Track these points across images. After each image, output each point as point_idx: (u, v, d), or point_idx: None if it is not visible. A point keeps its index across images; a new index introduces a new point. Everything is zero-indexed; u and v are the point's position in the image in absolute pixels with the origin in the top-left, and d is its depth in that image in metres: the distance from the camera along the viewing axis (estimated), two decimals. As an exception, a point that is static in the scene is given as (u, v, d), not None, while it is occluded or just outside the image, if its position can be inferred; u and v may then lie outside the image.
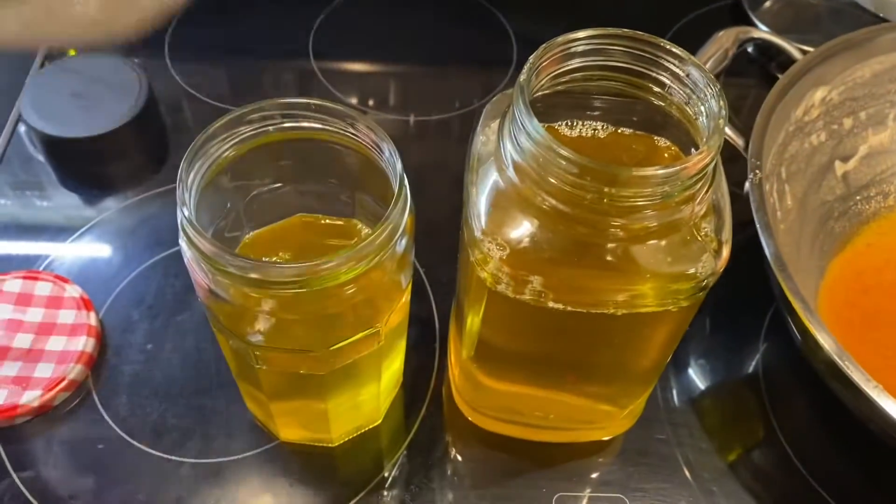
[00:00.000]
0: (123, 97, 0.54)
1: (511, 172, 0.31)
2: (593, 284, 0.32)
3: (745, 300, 0.52)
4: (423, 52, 0.66)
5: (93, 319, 0.46)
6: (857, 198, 0.54)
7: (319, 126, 0.35)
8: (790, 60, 0.54)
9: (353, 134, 0.35)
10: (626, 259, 0.31)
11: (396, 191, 0.32)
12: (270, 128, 0.35)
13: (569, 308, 0.33)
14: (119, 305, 0.49)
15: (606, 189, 0.29)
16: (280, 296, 0.32)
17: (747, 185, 0.44)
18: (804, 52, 0.53)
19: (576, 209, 0.30)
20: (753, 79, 0.66)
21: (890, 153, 0.55)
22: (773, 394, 0.48)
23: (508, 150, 0.31)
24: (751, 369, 0.49)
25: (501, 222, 0.32)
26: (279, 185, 0.39)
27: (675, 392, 0.48)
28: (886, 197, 0.55)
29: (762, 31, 0.53)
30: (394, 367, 0.43)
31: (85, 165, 0.55)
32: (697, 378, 0.49)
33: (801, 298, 0.39)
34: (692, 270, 0.31)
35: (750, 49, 0.67)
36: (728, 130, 0.48)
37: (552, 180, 0.30)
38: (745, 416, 0.47)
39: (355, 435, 0.44)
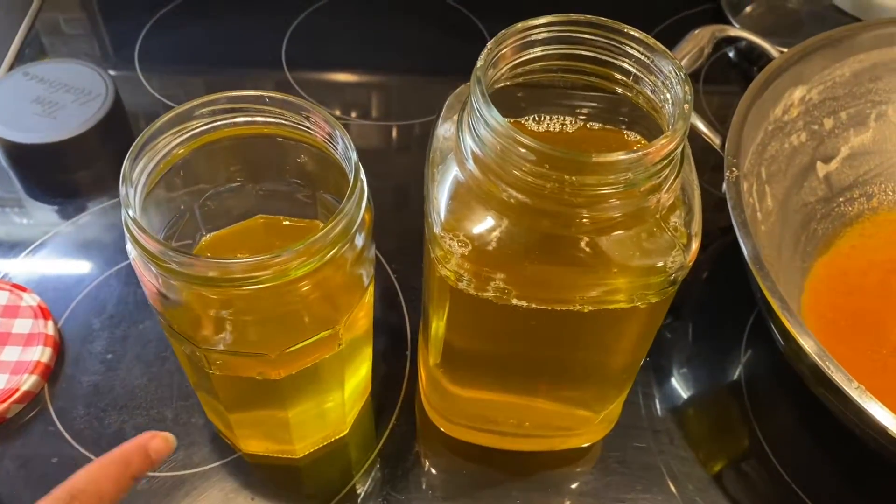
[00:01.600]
0: (89, 103, 0.53)
1: (471, 165, 0.30)
2: (558, 280, 0.31)
3: (727, 307, 0.50)
4: (399, 60, 0.65)
5: (50, 328, 0.45)
6: (840, 199, 0.53)
7: (273, 120, 0.34)
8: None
9: (307, 128, 0.34)
10: (591, 253, 0.30)
11: (352, 182, 0.31)
12: (220, 122, 0.34)
13: (534, 305, 0.31)
14: (79, 314, 0.47)
15: (568, 177, 0.27)
16: (230, 295, 0.30)
17: (724, 184, 0.43)
18: (783, 53, 0.52)
19: (538, 201, 0.29)
20: (736, 85, 0.65)
21: (872, 154, 0.54)
22: (756, 401, 0.46)
23: (468, 143, 0.30)
24: (734, 376, 0.48)
25: (462, 217, 0.31)
26: (235, 184, 0.37)
27: (657, 400, 0.46)
28: (870, 198, 0.54)
29: (738, 30, 0.52)
30: (360, 374, 0.42)
31: (48, 173, 0.53)
32: (680, 386, 0.47)
33: (781, 298, 0.38)
34: (660, 264, 0.30)
35: (731, 53, 0.66)
36: (705, 129, 0.47)
37: (513, 171, 0.28)
38: (729, 425, 0.46)
39: (321, 446, 0.42)
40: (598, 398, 0.39)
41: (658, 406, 0.46)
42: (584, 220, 0.29)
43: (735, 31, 0.51)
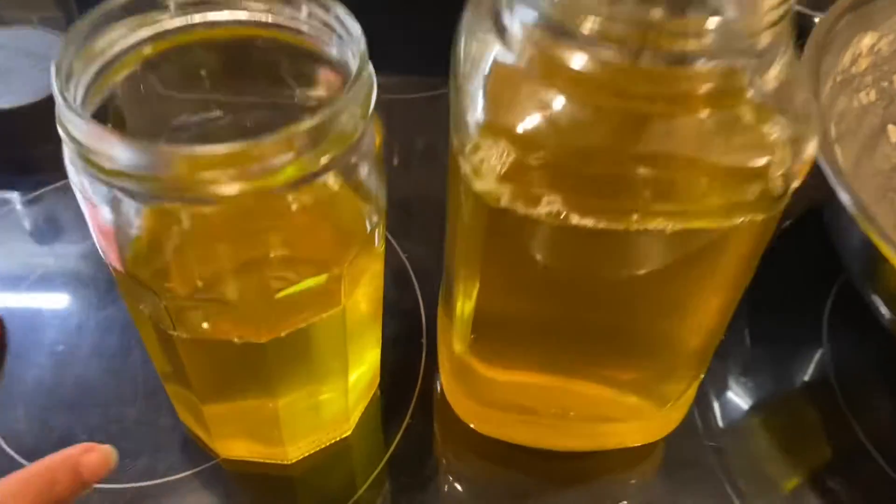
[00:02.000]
0: (49, 70, 0.45)
1: (517, 33, 0.23)
2: (634, 180, 0.23)
3: (792, 296, 0.42)
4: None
5: (-11, 320, 0.37)
6: (917, 168, 0.46)
7: (265, 18, 0.27)
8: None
9: (306, 22, 0.27)
10: (673, 139, 0.22)
11: (357, 69, 0.24)
12: (197, 20, 0.27)
13: (601, 225, 0.24)
14: (27, 301, 0.39)
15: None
16: (198, 212, 0.23)
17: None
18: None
19: (612, 68, 0.21)
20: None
21: (948, 117, 0.47)
22: (852, 398, 0.38)
23: (516, 14, 0.23)
24: (810, 376, 0.40)
25: (507, 107, 0.23)
26: (214, 115, 0.30)
27: (717, 414, 0.38)
28: (950, 168, 0.47)
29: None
30: (366, 361, 0.34)
31: (1, 145, 0.46)
32: (742, 397, 0.39)
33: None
34: (760, 162, 0.23)
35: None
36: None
37: (583, 20, 0.21)
38: (822, 425, 0.37)
39: (318, 449, 0.34)
40: (665, 378, 0.31)
41: (720, 419, 0.38)
42: (665, 97, 0.22)
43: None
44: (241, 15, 0.27)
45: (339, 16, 0.25)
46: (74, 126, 0.22)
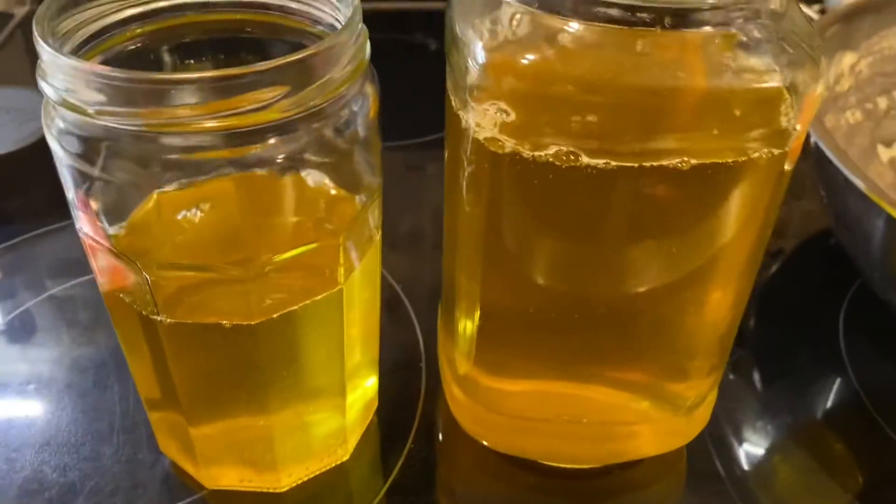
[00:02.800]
0: (27, 123, 0.45)
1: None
2: (646, 105, 0.22)
3: (804, 319, 0.41)
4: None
5: (-45, 354, 0.34)
6: (912, 186, 0.46)
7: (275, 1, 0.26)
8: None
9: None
10: (684, 55, 0.21)
11: (350, 15, 0.23)
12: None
13: (613, 164, 0.22)
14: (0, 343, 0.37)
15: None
16: (176, 153, 0.21)
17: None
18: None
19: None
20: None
21: (936, 139, 0.47)
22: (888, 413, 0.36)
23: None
24: (838, 395, 0.37)
25: (505, 47, 0.23)
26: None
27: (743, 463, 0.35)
28: (944, 186, 0.46)
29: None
30: (363, 378, 0.32)
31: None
32: (765, 432, 0.36)
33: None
34: (768, 84, 0.22)
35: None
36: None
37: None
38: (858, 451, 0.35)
39: (312, 476, 0.31)
40: (677, 378, 0.29)
41: (745, 465, 0.35)
42: (674, 10, 0.21)
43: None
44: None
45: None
46: (55, 66, 0.21)
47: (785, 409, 0.36)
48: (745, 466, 0.33)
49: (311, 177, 0.25)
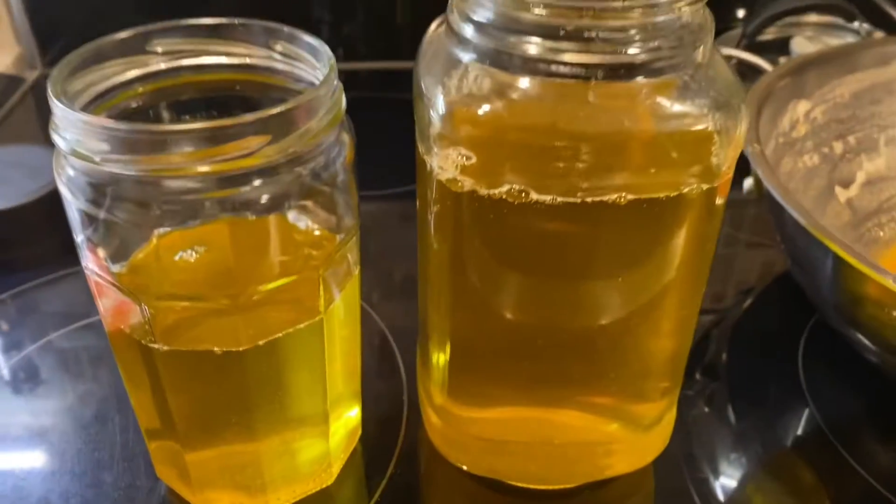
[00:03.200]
0: (36, 177, 0.48)
1: (471, 36, 0.26)
2: (582, 147, 0.25)
3: (763, 370, 0.43)
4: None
5: (-33, 391, 0.37)
6: (869, 224, 0.48)
7: (244, 62, 0.30)
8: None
9: (281, 60, 0.29)
10: (617, 103, 0.24)
11: (326, 73, 0.26)
12: (185, 62, 0.29)
13: (559, 199, 0.25)
14: (5, 384, 0.39)
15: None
16: (173, 196, 0.24)
17: (748, 153, 0.38)
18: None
19: (552, 47, 0.24)
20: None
21: (891, 180, 0.50)
22: (852, 447, 0.38)
23: (469, 18, 0.26)
24: (802, 430, 0.39)
25: (462, 101, 0.26)
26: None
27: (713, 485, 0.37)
28: (900, 223, 0.49)
29: (730, 49, 0.50)
30: (346, 406, 0.34)
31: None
32: (737, 467, 0.38)
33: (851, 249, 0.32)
34: (703, 126, 0.25)
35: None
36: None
37: (522, 15, 0.24)
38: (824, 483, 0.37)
39: (299, 499, 0.33)
40: (636, 399, 0.32)
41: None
42: (608, 65, 0.24)
43: (728, 50, 0.49)
44: (224, 59, 0.30)
45: (309, 42, 0.28)
46: (67, 120, 0.24)
47: (753, 436, 0.38)
48: (716, 489, 0.35)
49: (294, 217, 0.28)
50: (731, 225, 0.54)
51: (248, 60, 0.30)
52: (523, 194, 0.25)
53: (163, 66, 0.29)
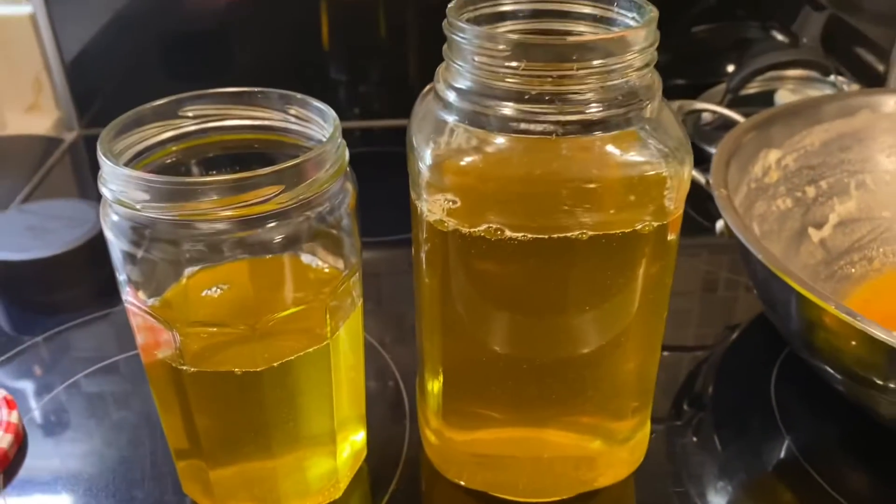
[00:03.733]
0: (76, 228, 0.53)
1: (452, 98, 0.30)
2: (549, 194, 0.29)
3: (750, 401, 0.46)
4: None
5: (14, 417, 0.41)
6: (841, 262, 0.52)
7: (263, 123, 0.34)
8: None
9: (295, 122, 0.34)
10: (577, 154, 0.29)
11: (331, 132, 0.31)
12: (211, 124, 0.34)
13: (529, 236, 0.29)
14: (48, 412, 0.43)
15: (546, 67, 0.28)
16: (201, 237, 0.29)
17: (715, 196, 0.42)
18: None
19: (520, 108, 0.28)
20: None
21: (862, 221, 0.54)
22: (828, 476, 0.40)
23: (449, 80, 0.30)
24: (781, 462, 0.42)
25: (446, 157, 0.30)
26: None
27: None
28: (871, 261, 0.53)
29: (704, 103, 0.54)
30: (352, 427, 0.38)
31: (31, 288, 0.52)
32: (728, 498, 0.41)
33: (806, 283, 0.36)
34: (652, 172, 0.29)
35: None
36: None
37: (494, 83, 0.29)
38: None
39: (311, 511, 0.37)
40: (612, 417, 0.35)
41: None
42: (568, 122, 0.28)
43: (701, 104, 0.53)
44: (245, 122, 0.35)
45: (318, 106, 0.33)
46: (113, 174, 0.28)
47: (735, 462, 0.41)
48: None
49: (304, 256, 0.32)
50: (713, 264, 0.57)
51: (266, 122, 0.34)
52: (499, 232, 0.30)
53: (193, 128, 0.34)
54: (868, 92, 0.56)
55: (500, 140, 0.29)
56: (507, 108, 0.29)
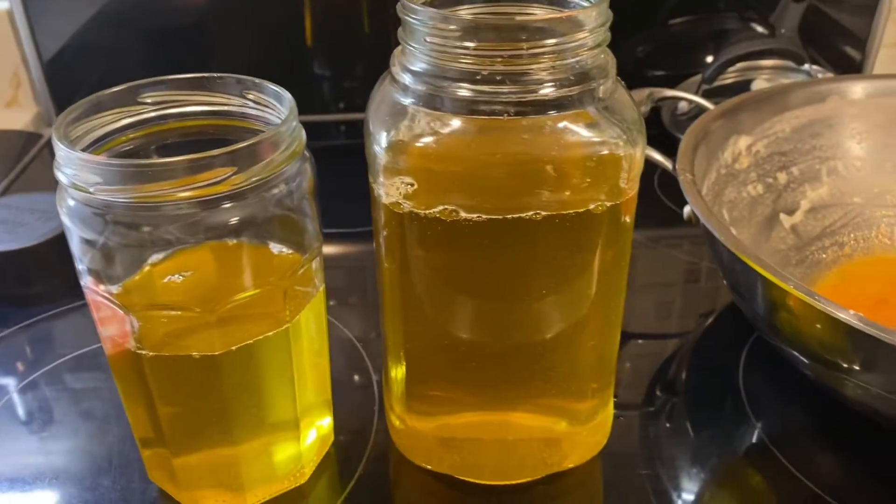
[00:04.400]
0: (49, 221, 0.53)
1: (407, 81, 0.30)
2: (505, 173, 0.29)
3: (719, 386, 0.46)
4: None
5: (-18, 408, 0.41)
6: (812, 248, 0.52)
7: (222, 108, 0.34)
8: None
9: (254, 107, 0.34)
10: (533, 137, 0.29)
11: (287, 114, 0.31)
12: (171, 110, 0.34)
13: (483, 217, 0.29)
14: (19, 400, 0.43)
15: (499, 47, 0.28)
16: (158, 219, 0.29)
17: (680, 181, 0.42)
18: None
19: (476, 89, 0.29)
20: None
21: (834, 207, 0.54)
22: (796, 460, 0.40)
23: (404, 63, 0.30)
24: (749, 445, 0.42)
25: (402, 139, 0.30)
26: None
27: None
28: (842, 247, 0.53)
29: (675, 91, 0.55)
30: (317, 411, 0.38)
31: (2, 281, 0.52)
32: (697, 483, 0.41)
33: (765, 264, 0.36)
34: (605, 151, 0.29)
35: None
36: (658, 155, 0.47)
37: (449, 64, 0.29)
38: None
39: (275, 496, 0.37)
40: (573, 397, 0.35)
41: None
42: (521, 102, 0.28)
43: (671, 91, 0.54)
44: (204, 108, 0.35)
45: (275, 90, 0.33)
46: (67, 159, 0.28)
47: (707, 447, 0.41)
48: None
49: (264, 240, 0.32)
50: (695, 255, 0.58)
51: (224, 108, 0.34)
52: (454, 213, 0.30)
53: (152, 114, 0.34)
54: (837, 79, 0.56)
55: (455, 121, 0.29)
56: (461, 89, 0.29)
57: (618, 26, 0.31)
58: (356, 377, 0.45)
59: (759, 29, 0.79)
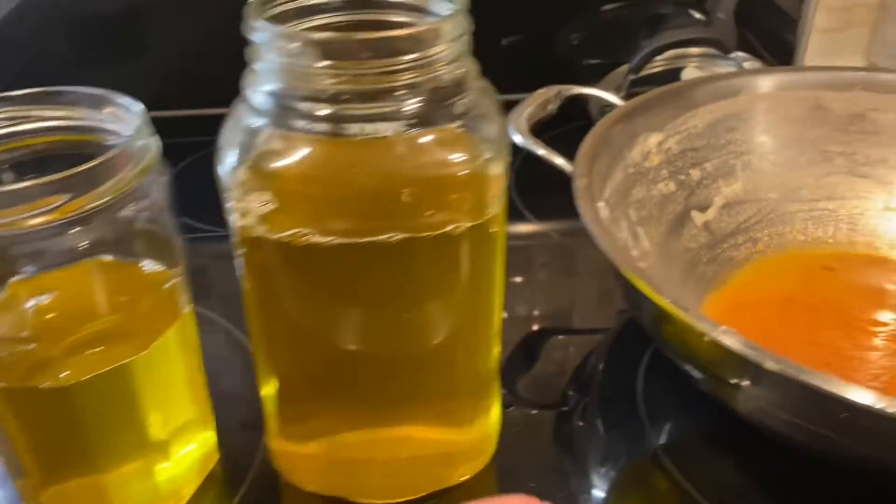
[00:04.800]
0: None
1: (256, 102, 0.29)
2: (358, 195, 0.28)
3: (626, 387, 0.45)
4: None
5: None
6: (725, 245, 0.52)
7: (71, 123, 0.33)
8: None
9: (111, 121, 0.33)
10: (383, 154, 0.28)
11: (135, 128, 0.29)
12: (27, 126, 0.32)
13: (336, 240, 0.28)
14: None
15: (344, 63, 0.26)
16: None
17: (574, 188, 0.41)
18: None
19: (321, 104, 0.27)
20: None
21: (748, 202, 0.53)
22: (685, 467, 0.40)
23: (254, 84, 0.29)
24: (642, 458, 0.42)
25: (255, 162, 0.29)
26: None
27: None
28: (756, 243, 0.52)
29: (584, 87, 0.53)
30: (190, 435, 0.36)
31: None
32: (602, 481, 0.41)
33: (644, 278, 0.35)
34: (463, 172, 0.28)
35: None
36: (550, 154, 0.46)
37: (298, 83, 0.27)
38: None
39: (151, 521, 0.36)
40: (455, 406, 0.35)
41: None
42: (371, 120, 0.27)
43: (578, 88, 0.52)
44: (59, 122, 0.33)
45: (126, 102, 0.31)
46: None
47: (619, 448, 0.41)
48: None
49: (126, 256, 0.31)
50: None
51: (78, 123, 0.33)
52: (307, 237, 0.28)
53: (2, 131, 0.32)
54: (747, 72, 0.56)
55: (305, 142, 0.28)
56: (309, 109, 0.27)
57: (551, 13, 0.29)
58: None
59: (696, 15, 0.78)
